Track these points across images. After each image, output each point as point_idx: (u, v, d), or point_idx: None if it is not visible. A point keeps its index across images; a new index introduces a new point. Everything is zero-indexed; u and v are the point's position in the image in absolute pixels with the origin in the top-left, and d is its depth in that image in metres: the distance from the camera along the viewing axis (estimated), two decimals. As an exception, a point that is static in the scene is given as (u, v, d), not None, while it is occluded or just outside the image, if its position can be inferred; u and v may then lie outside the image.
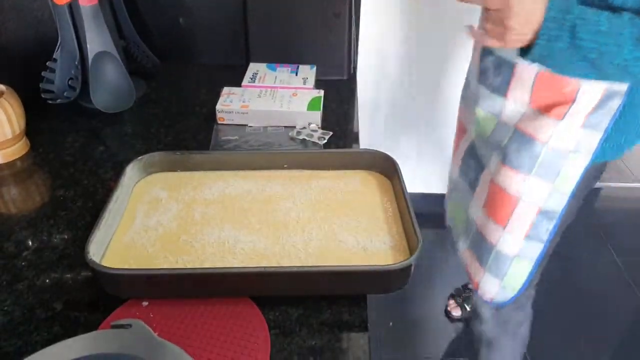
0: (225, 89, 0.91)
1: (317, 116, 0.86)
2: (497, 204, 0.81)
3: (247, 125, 0.87)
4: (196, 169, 0.73)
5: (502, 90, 0.77)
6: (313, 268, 0.55)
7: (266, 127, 0.86)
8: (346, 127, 0.90)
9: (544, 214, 0.78)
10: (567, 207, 0.78)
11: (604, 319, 1.61)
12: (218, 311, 0.54)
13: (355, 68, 1.06)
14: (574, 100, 0.70)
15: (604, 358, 1.50)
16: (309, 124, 0.86)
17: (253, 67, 0.99)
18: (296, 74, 0.96)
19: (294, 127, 0.86)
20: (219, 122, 0.87)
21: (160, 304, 0.55)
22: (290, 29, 1.00)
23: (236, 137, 0.84)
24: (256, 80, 0.94)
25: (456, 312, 1.55)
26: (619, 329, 1.58)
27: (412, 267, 0.55)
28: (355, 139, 0.87)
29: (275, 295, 0.56)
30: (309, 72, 0.97)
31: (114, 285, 0.54)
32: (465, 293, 1.58)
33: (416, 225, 0.58)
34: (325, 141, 0.83)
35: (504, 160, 0.78)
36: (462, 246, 0.94)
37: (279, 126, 0.87)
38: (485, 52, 0.78)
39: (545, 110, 0.73)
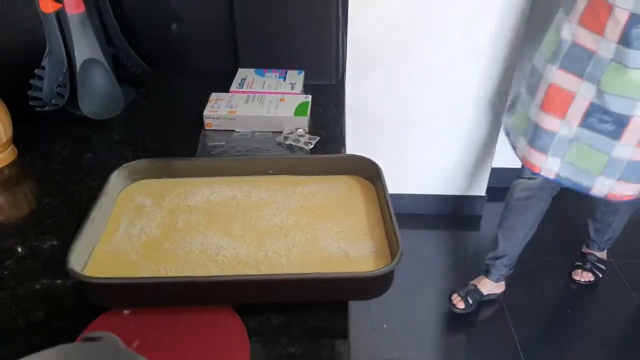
0: (214, 95, 0.91)
1: (304, 121, 0.86)
2: None
3: (234, 130, 0.87)
4: (181, 175, 0.73)
5: None
6: (293, 276, 0.55)
7: (254, 132, 0.87)
8: (333, 132, 0.90)
9: None
10: None
11: (600, 321, 1.61)
12: (199, 319, 0.54)
13: (343, 73, 1.06)
14: None
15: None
16: (296, 129, 0.86)
17: (242, 72, 0.99)
18: (284, 79, 0.96)
19: (282, 132, 0.86)
20: (207, 128, 0.88)
21: (141, 313, 0.55)
22: (278, 34, 1.00)
23: (223, 143, 0.84)
24: (244, 86, 0.94)
25: (460, 306, 1.58)
26: (614, 331, 1.58)
27: (393, 274, 0.55)
28: (342, 143, 0.87)
29: (257, 303, 0.56)
30: (297, 78, 0.97)
31: (94, 294, 0.54)
32: (467, 287, 1.60)
33: (397, 232, 0.58)
34: (312, 146, 0.83)
35: None
36: (605, 182, 1.23)
37: (266, 131, 0.87)
38: (635, 22, 1.02)
39: None
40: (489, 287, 1.60)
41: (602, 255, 1.70)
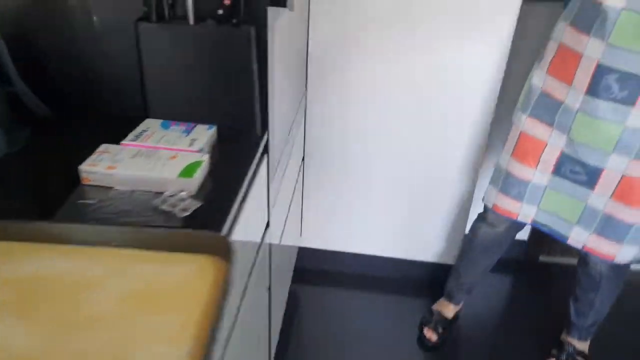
0: (102, 147, 0.83)
1: (190, 184, 0.76)
2: (634, 192, 1.08)
3: (113, 187, 0.77)
4: (17, 239, 0.62)
5: (629, 100, 0.99)
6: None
7: (133, 191, 0.77)
8: (230, 196, 0.79)
9: None
10: None
11: None
12: None
13: (265, 127, 0.96)
14: None
15: None
16: (180, 191, 0.76)
17: (147, 123, 0.91)
18: (187, 135, 0.87)
19: (163, 193, 0.76)
20: (84, 182, 0.78)
21: None
22: (192, 84, 0.92)
23: (94, 201, 0.74)
24: (140, 139, 0.85)
25: (434, 338, 1.53)
26: None
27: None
28: (227, 212, 0.76)
29: None
30: (204, 133, 0.88)
31: None
32: (434, 316, 1.57)
33: (213, 344, 0.46)
34: (189, 213, 0.72)
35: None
36: (581, 234, 1.19)
37: (148, 191, 0.77)
38: (603, 72, 0.99)
39: None
40: (452, 309, 1.60)
41: (583, 347, 1.51)
